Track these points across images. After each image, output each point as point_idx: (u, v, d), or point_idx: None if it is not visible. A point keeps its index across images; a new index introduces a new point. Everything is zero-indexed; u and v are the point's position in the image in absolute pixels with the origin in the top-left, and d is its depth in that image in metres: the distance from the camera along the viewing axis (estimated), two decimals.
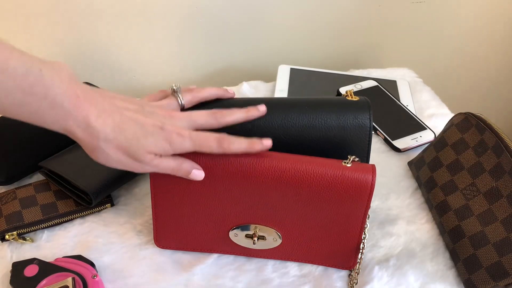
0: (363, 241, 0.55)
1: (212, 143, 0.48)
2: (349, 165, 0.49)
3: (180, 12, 0.91)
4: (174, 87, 0.53)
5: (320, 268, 0.58)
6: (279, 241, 0.56)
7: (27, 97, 0.40)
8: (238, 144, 0.49)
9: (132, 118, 0.46)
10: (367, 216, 0.52)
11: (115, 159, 0.46)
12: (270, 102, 0.54)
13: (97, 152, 0.45)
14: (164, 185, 0.53)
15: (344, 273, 0.58)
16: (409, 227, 0.64)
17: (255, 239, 0.55)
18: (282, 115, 0.52)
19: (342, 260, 0.57)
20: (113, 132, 0.45)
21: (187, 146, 0.47)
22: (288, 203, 0.51)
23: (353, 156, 0.51)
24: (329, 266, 0.58)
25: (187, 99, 0.54)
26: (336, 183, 0.49)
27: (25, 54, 0.40)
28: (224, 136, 0.48)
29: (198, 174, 0.50)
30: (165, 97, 0.54)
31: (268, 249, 0.57)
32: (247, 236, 0.55)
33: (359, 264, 0.56)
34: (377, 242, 0.61)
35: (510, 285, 0.53)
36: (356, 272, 0.57)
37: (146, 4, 0.88)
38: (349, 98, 0.55)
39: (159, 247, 0.59)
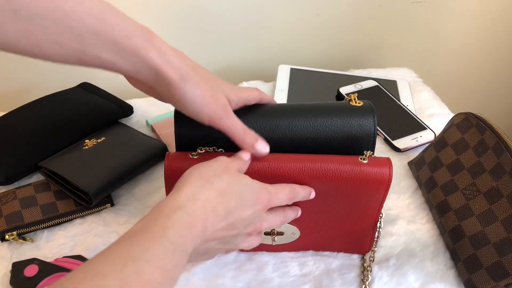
0: (378, 229, 0.56)
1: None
2: (365, 161, 0.50)
3: (180, 12, 0.91)
4: None
5: (320, 268, 0.58)
6: (297, 235, 0.56)
7: (100, 23, 0.40)
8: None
9: (198, 64, 0.48)
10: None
11: (199, 95, 0.45)
12: (276, 109, 0.54)
13: (183, 89, 0.44)
14: None
15: (344, 272, 0.58)
16: (409, 227, 0.64)
17: (274, 237, 0.55)
18: (286, 122, 0.52)
19: (358, 245, 0.59)
20: (192, 70, 0.45)
21: (253, 93, 0.52)
22: (307, 201, 0.51)
23: (369, 152, 0.51)
24: (345, 252, 0.60)
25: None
26: (354, 179, 0.50)
27: None
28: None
29: (263, 147, 0.49)
30: None
31: (286, 243, 0.58)
32: (265, 233, 0.55)
33: (375, 244, 0.58)
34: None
35: (510, 285, 0.53)
36: (372, 253, 0.58)
37: (145, 4, 0.88)
38: (353, 103, 0.55)
39: None
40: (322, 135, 0.52)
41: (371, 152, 0.52)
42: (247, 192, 0.44)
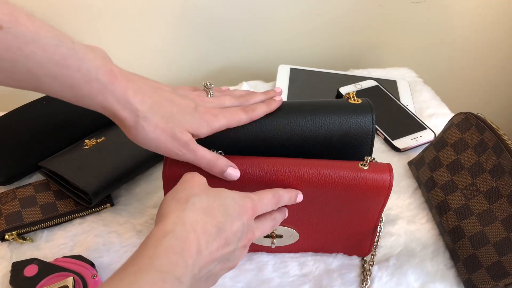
0: (378, 233, 0.56)
1: (240, 114, 0.50)
2: (366, 167, 0.49)
3: (179, 12, 0.91)
4: (207, 83, 0.54)
5: (320, 268, 0.58)
6: (296, 238, 0.56)
7: (60, 69, 0.40)
8: (260, 109, 0.51)
9: (168, 98, 0.47)
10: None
11: (154, 138, 0.45)
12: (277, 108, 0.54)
13: (136, 131, 0.45)
14: None
15: (344, 272, 0.58)
16: (409, 227, 0.64)
17: (273, 239, 0.55)
18: (285, 121, 0.52)
19: (358, 248, 0.59)
20: (152, 110, 0.44)
21: (222, 122, 0.49)
22: (306, 205, 0.51)
23: (369, 157, 0.51)
24: (344, 253, 0.60)
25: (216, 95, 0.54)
26: (354, 186, 0.49)
27: (56, 29, 0.40)
28: (247, 106, 0.52)
29: (233, 173, 0.48)
30: (195, 90, 0.55)
31: (285, 245, 0.58)
32: (264, 237, 0.55)
33: (375, 248, 0.57)
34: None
35: (510, 285, 0.53)
36: (371, 258, 0.58)
37: (145, 4, 0.88)
38: (351, 101, 0.55)
39: None
40: (321, 133, 0.52)
41: (372, 158, 0.51)
42: (230, 204, 0.42)
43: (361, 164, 0.50)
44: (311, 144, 0.53)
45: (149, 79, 0.48)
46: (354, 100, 0.55)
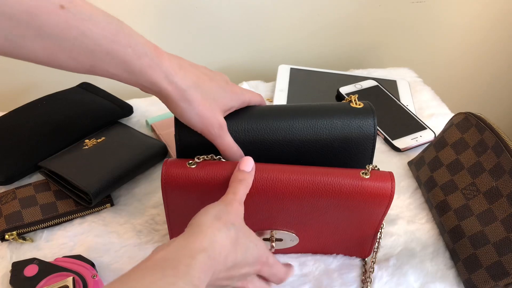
0: (378, 240, 0.56)
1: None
2: (367, 176, 0.49)
3: (179, 12, 0.91)
4: None
5: (320, 268, 0.58)
6: (296, 242, 0.56)
7: (113, 45, 0.42)
8: None
9: (205, 73, 0.49)
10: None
11: (197, 114, 0.47)
12: (276, 111, 0.54)
13: (182, 107, 0.47)
14: (176, 202, 0.52)
15: (344, 272, 0.58)
16: (409, 227, 0.64)
17: (273, 243, 0.54)
18: (287, 125, 0.52)
19: (357, 251, 0.59)
20: (195, 85, 0.47)
21: (247, 97, 0.53)
22: (306, 213, 0.51)
23: (371, 165, 0.50)
24: (345, 254, 0.60)
25: None
26: (356, 194, 0.49)
27: (102, 9, 0.43)
28: None
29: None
30: None
31: (285, 248, 0.58)
32: (264, 239, 0.55)
33: (374, 255, 0.57)
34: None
35: (510, 284, 0.53)
36: (372, 261, 0.58)
37: (146, 4, 0.88)
38: (353, 105, 0.54)
39: None
40: (322, 137, 0.52)
41: (374, 166, 0.51)
42: (251, 249, 0.43)
43: (363, 173, 0.49)
44: (312, 147, 0.52)
45: (182, 58, 0.50)
46: (356, 104, 0.54)
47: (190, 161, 0.49)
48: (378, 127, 0.78)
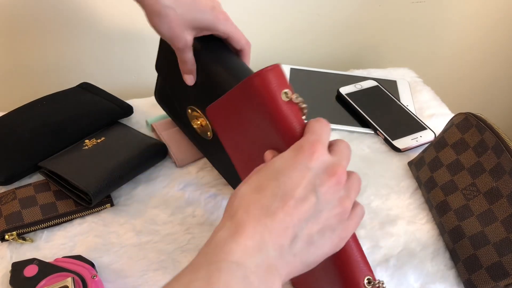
0: None
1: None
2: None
3: None
4: None
5: None
6: None
7: None
8: None
9: None
10: None
11: (168, 27, 0.54)
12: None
13: (155, 21, 0.54)
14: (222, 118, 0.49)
15: None
16: (409, 227, 0.64)
17: None
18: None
19: None
20: (174, 3, 0.53)
21: (230, 27, 0.61)
22: None
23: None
24: None
25: None
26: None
27: None
28: None
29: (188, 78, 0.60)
30: None
31: None
32: None
33: None
34: (377, 242, 0.61)
35: (510, 285, 0.53)
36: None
37: None
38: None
39: None
40: None
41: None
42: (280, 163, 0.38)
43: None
44: None
45: None
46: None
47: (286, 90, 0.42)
48: (378, 128, 0.78)
